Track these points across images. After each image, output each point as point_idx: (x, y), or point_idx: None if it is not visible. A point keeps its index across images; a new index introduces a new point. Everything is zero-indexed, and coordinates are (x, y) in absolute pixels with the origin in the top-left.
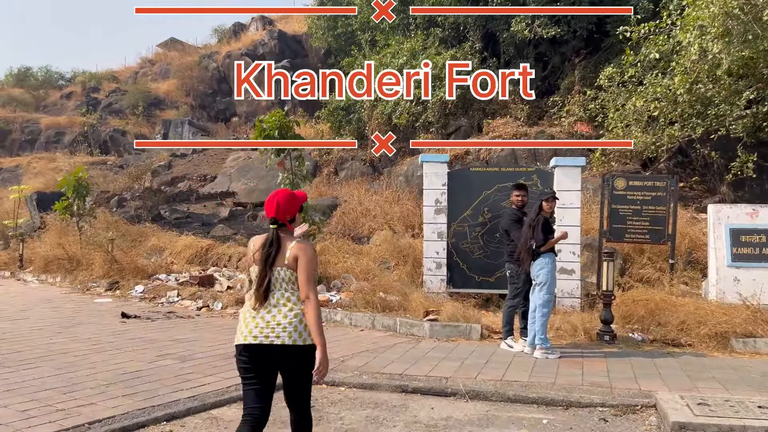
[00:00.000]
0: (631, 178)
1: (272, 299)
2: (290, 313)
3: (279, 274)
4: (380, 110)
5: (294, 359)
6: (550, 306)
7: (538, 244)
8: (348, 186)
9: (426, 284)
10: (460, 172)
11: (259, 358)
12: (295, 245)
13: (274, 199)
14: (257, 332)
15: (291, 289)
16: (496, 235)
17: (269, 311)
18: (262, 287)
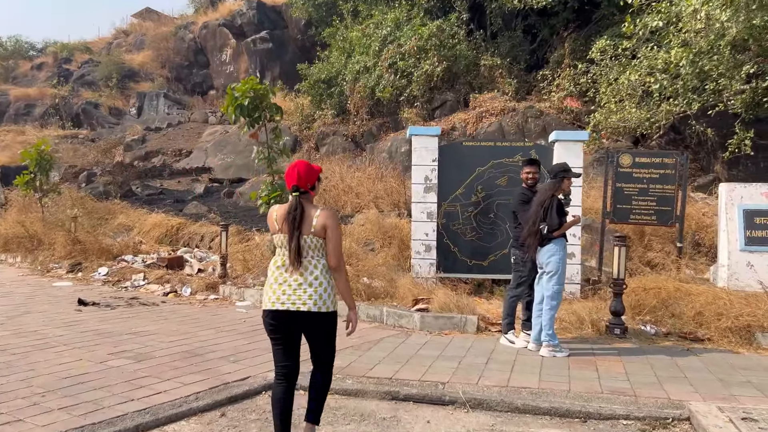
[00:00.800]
0: (637, 155)
1: (301, 264)
2: (315, 281)
3: (306, 242)
4: (363, 83)
5: (316, 325)
6: (559, 298)
7: (552, 228)
8: (329, 162)
9: (414, 268)
10: (452, 146)
11: (284, 322)
12: (321, 213)
13: (295, 168)
14: (285, 299)
15: (317, 256)
16: (489, 215)
17: (295, 279)
18: (295, 251)
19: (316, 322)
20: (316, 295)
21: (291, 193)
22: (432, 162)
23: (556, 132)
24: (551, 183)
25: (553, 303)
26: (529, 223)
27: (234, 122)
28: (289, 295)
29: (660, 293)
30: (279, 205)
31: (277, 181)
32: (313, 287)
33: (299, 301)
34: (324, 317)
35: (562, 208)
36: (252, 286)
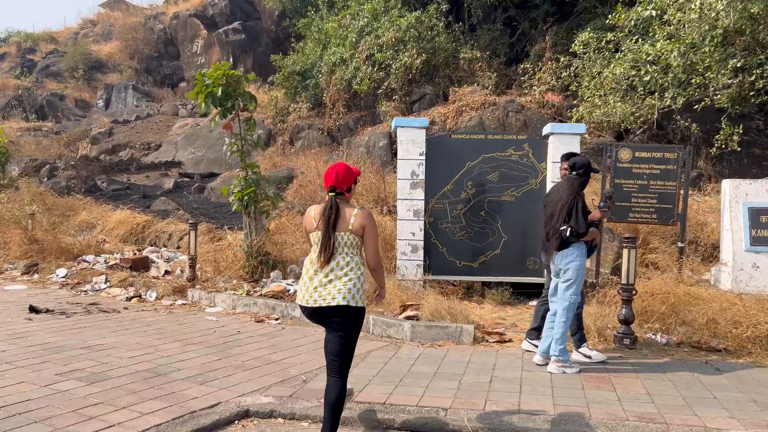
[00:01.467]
0: (637, 149)
1: (332, 262)
2: (345, 277)
3: (342, 239)
4: (339, 76)
5: (342, 317)
6: (574, 310)
7: (578, 232)
8: (305, 156)
9: (400, 270)
10: (440, 139)
11: (317, 318)
12: (359, 213)
13: (333, 170)
14: (316, 296)
15: (351, 253)
16: (480, 213)
17: (327, 275)
18: (327, 250)
19: (342, 314)
20: (345, 290)
21: (328, 192)
22: (419, 156)
23: (552, 125)
24: (575, 180)
25: (569, 315)
26: (551, 223)
27: (204, 112)
28: (320, 291)
29: (668, 299)
30: (316, 205)
31: (251, 176)
32: (342, 282)
33: (329, 296)
34: (351, 311)
35: (586, 208)
36: (223, 290)
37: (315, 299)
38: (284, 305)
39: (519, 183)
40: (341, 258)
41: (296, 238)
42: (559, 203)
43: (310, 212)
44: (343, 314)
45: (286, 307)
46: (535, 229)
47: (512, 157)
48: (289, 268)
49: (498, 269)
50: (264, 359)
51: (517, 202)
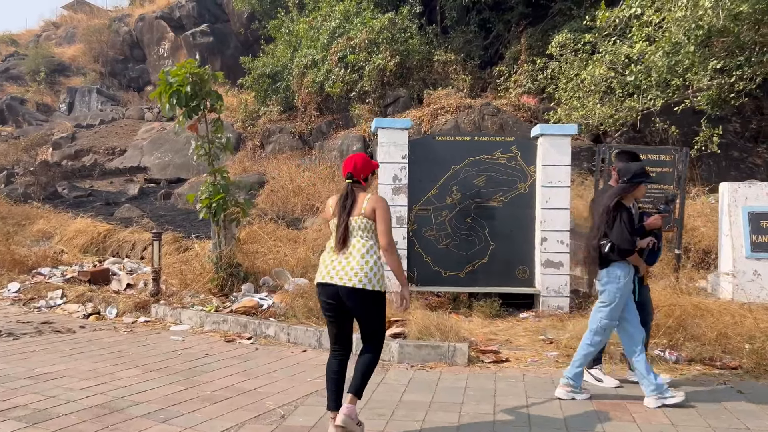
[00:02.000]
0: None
1: (348, 246)
2: (362, 260)
3: (356, 222)
4: (311, 78)
5: (361, 301)
6: (605, 336)
7: (622, 247)
8: (276, 161)
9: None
10: (424, 141)
11: (333, 297)
12: (371, 197)
13: (353, 159)
14: (333, 274)
15: (366, 236)
16: (466, 220)
17: (346, 257)
18: (341, 233)
19: (360, 298)
20: (361, 273)
21: (345, 180)
22: (401, 159)
23: (541, 126)
24: (619, 187)
25: (596, 339)
26: (590, 235)
27: (168, 113)
28: (338, 270)
29: (673, 311)
30: (335, 195)
31: (219, 181)
32: (359, 265)
33: (346, 277)
34: (369, 295)
35: (633, 222)
36: (190, 306)
37: (332, 276)
38: (257, 323)
39: (507, 187)
40: (356, 240)
41: (269, 248)
42: (598, 215)
43: (328, 201)
44: (359, 298)
45: (259, 324)
46: (524, 236)
47: (500, 160)
48: (261, 281)
49: (486, 279)
50: (236, 389)
51: (505, 207)
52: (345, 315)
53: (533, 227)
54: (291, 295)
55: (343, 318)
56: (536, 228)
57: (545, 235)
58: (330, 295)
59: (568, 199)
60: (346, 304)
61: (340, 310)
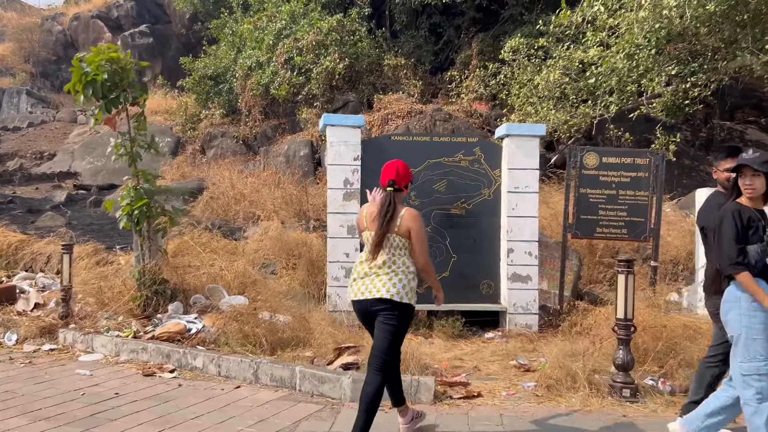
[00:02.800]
0: (605, 153)
1: (380, 261)
2: (392, 273)
3: (390, 240)
4: (255, 80)
5: (385, 310)
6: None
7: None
8: (217, 166)
9: (331, 300)
10: (378, 141)
11: (364, 310)
12: (406, 214)
13: (394, 165)
14: (364, 289)
15: (399, 253)
16: (426, 229)
17: (376, 273)
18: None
19: (386, 307)
20: (390, 284)
21: (386, 187)
22: (353, 161)
23: (507, 125)
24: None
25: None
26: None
27: (83, 106)
28: (368, 285)
29: (661, 333)
30: (368, 204)
31: (143, 186)
32: (389, 278)
33: (374, 288)
34: (395, 305)
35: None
36: (105, 331)
37: (362, 292)
38: (182, 352)
39: (470, 193)
40: (388, 257)
41: (203, 260)
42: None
43: (362, 211)
44: (388, 306)
45: (185, 354)
46: (489, 247)
47: (462, 163)
48: (192, 299)
49: (447, 294)
50: None
51: (468, 215)
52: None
53: (498, 237)
54: (224, 317)
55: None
56: (502, 238)
57: (512, 245)
58: (363, 310)
59: (537, 206)
60: (374, 314)
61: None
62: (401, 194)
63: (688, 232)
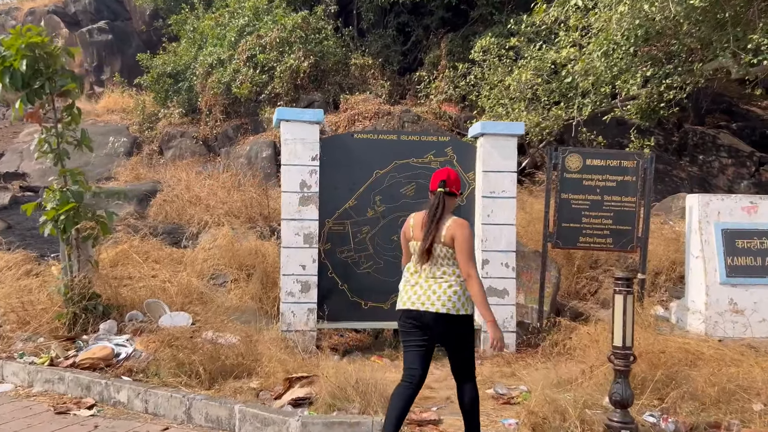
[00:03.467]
0: (588, 155)
1: (430, 272)
2: (445, 284)
3: (437, 251)
4: (216, 78)
5: (447, 327)
6: None
7: None
8: (175, 168)
9: (284, 318)
10: (339, 140)
11: (416, 322)
12: (451, 223)
13: (446, 170)
14: (415, 299)
15: (447, 264)
16: (393, 237)
17: (429, 283)
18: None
19: (447, 324)
20: (445, 297)
21: (437, 189)
22: (311, 161)
23: (482, 123)
24: None
25: None
26: None
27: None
28: (420, 295)
29: (659, 359)
30: (417, 213)
31: (70, 187)
32: (442, 289)
33: (428, 302)
34: (455, 320)
35: None
36: (19, 356)
37: (413, 302)
38: (105, 383)
39: None
40: (436, 268)
41: (144, 270)
42: None
43: (409, 220)
44: (446, 323)
45: (108, 385)
46: None
47: (432, 164)
48: (128, 316)
49: None
50: None
51: None
52: (425, 339)
53: None
54: (158, 341)
55: (423, 343)
56: (476, 248)
57: (487, 256)
58: (414, 320)
59: (514, 213)
60: (432, 331)
61: (420, 334)
62: (453, 200)
63: (671, 240)
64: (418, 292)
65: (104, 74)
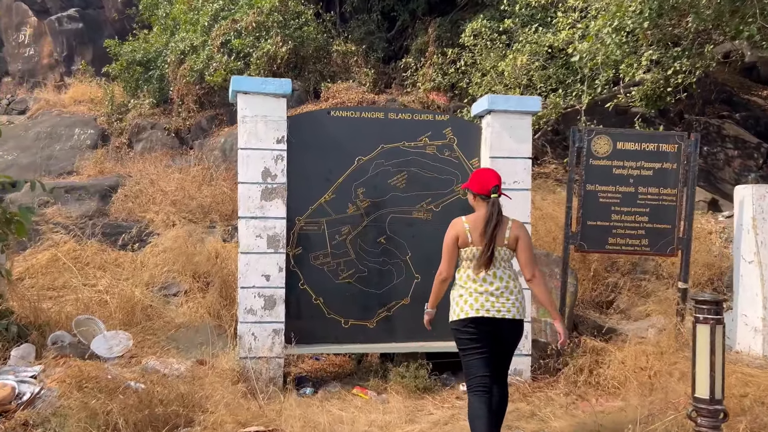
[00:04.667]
0: (620, 137)
1: (495, 277)
2: (515, 289)
3: (499, 254)
4: (189, 66)
5: (516, 332)
6: None
7: None
8: (143, 161)
9: (244, 342)
10: (312, 118)
11: (488, 329)
12: (513, 223)
13: (490, 171)
14: (489, 306)
15: (505, 266)
16: (379, 240)
17: (497, 287)
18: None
19: (518, 329)
20: (517, 303)
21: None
22: (276, 144)
23: (490, 97)
24: None
25: None
26: None
27: None
28: (493, 302)
29: (740, 403)
30: (465, 216)
31: None
32: (513, 295)
33: (504, 308)
34: (522, 325)
35: None
36: None
37: (488, 309)
38: None
39: (439, 190)
40: (501, 271)
41: (82, 278)
42: None
43: (460, 224)
44: (517, 328)
45: None
46: None
47: (428, 149)
48: (52, 337)
49: (407, 330)
50: None
51: (435, 221)
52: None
53: None
54: (75, 375)
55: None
56: None
57: None
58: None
59: (529, 209)
60: (503, 337)
61: (491, 341)
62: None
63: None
64: (491, 300)
65: (75, 64)
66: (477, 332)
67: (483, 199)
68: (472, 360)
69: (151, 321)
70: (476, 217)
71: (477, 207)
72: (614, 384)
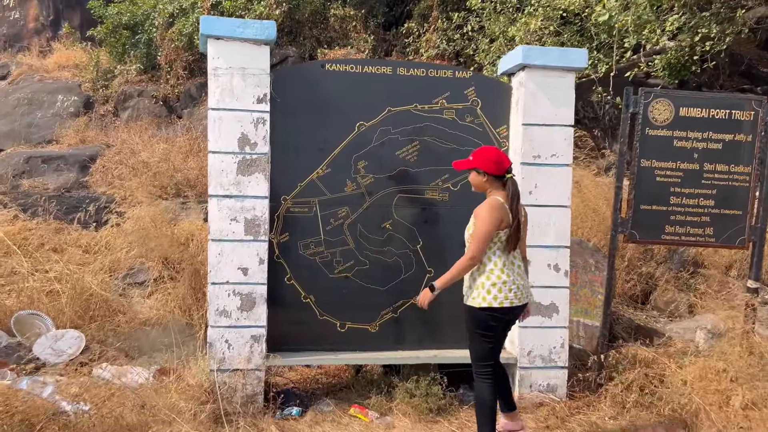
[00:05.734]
0: (684, 101)
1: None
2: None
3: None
4: (177, 29)
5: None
6: None
7: None
8: (128, 130)
9: (215, 351)
10: (302, 72)
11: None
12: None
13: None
14: (520, 294)
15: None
16: (384, 225)
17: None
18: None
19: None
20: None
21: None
22: (257, 104)
23: (524, 49)
24: None
25: None
26: None
27: None
28: (521, 288)
29: None
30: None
31: None
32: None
33: (527, 291)
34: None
35: None
36: None
37: (520, 298)
38: None
39: None
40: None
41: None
42: None
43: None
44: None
45: None
46: None
47: (446, 113)
48: None
49: (417, 336)
50: None
51: (453, 202)
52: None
53: None
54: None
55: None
56: None
57: (528, 253)
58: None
59: (570, 189)
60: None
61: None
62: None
63: None
64: (520, 286)
65: (62, 29)
66: (507, 320)
67: (498, 179)
68: (491, 346)
69: (111, 316)
70: (504, 198)
71: (492, 188)
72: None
